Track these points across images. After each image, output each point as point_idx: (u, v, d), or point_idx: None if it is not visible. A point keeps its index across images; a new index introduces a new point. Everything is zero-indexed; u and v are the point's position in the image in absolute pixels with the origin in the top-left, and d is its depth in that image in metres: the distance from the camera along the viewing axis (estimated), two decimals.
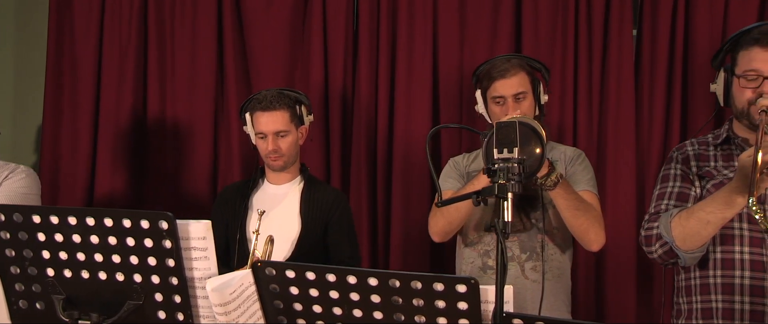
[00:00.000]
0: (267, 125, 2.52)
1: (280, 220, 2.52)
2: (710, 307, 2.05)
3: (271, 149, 2.53)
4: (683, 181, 2.12)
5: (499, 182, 1.49)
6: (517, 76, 2.36)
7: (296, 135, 2.59)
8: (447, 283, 1.53)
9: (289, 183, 2.64)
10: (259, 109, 2.54)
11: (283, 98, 2.56)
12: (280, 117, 2.53)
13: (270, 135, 2.53)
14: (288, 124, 2.55)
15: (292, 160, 2.61)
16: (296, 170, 2.66)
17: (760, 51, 1.97)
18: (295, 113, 2.58)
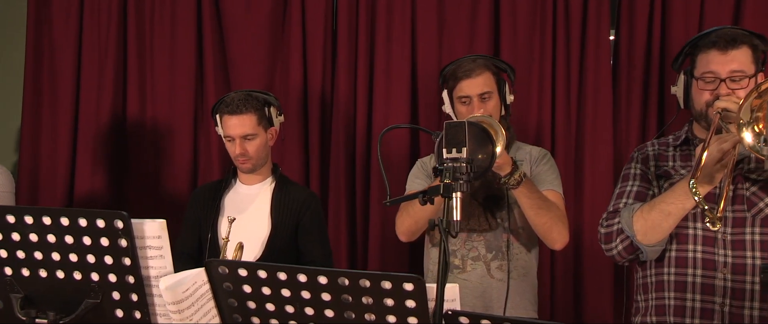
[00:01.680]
0: (234, 129, 2.54)
1: (251, 221, 2.55)
2: (664, 304, 2.09)
3: (238, 152, 2.56)
4: (642, 181, 2.16)
5: (445, 182, 1.51)
6: (483, 76, 2.38)
7: (265, 137, 2.61)
8: (394, 282, 1.55)
9: (261, 183, 2.66)
10: (226, 112, 2.55)
11: (250, 101, 2.57)
12: (247, 120, 2.54)
13: (237, 138, 2.55)
14: (255, 127, 2.56)
15: (262, 162, 2.63)
16: (268, 171, 2.69)
17: (717, 54, 2.01)
18: (263, 115, 2.59)
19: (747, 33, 2.05)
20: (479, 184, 2.39)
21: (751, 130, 1.74)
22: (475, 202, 2.39)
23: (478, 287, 2.38)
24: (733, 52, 2.00)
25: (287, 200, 2.61)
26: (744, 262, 2.00)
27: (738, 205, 2.04)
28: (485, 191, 2.38)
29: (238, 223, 2.48)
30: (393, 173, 3.20)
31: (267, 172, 2.68)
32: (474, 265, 2.39)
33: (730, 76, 1.99)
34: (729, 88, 1.98)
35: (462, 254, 2.41)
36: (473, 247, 2.40)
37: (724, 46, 2.00)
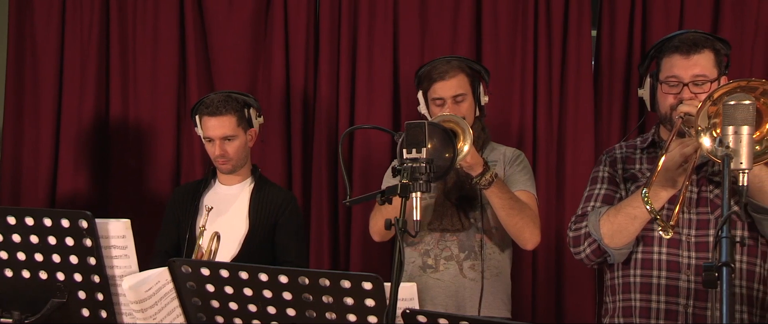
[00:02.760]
0: (214, 130, 2.55)
1: (229, 220, 2.56)
2: (630, 305, 2.10)
3: (217, 154, 2.57)
4: (610, 184, 2.18)
5: (403, 182, 1.52)
6: (457, 77, 2.39)
7: (244, 138, 2.62)
8: (353, 281, 1.57)
9: (240, 184, 2.68)
10: (206, 113, 2.56)
11: (230, 102, 2.58)
12: (227, 122, 2.55)
13: (217, 140, 2.56)
14: (235, 129, 2.57)
15: (241, 163, 2.64)
16: (247, 171, 2.70)
17: (680, 58, 2.03)
18: (242, 116, 2.60)
19: (709, 37, 2.07)
20: (452, 185, 2.41)
21: (709, 135, 1.75)
22: (449, 202, 2.40)
23: (450, 287, 2.39)
24: (695, 57, 2.01)
25: (265, 201, 2.62)
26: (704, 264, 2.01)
27: (702, 207, 2.06)
28: (458, 191, 2.40)
29: (216, 222, 2.50)
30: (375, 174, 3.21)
31: (246, 173, 2.69)
32: (447, 265, 2.41)
33: (692, 80, 2.01)
34: (692, 92, 1.99)
35: (435, 254, 2.42)
36: (446, 247, 2.41)
37: (687, 50, 2.02)
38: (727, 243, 1.26)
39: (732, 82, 1.74)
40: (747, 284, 2.04)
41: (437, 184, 2.43)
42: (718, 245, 1.26)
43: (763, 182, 1.89)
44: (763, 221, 1.97)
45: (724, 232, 1.29)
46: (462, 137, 2.16)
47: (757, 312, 2.06)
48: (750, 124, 1.54)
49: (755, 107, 1.55)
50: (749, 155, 1.53)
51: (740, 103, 1.54)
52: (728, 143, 1.54)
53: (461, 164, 2.20)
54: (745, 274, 2.04)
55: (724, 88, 1.72)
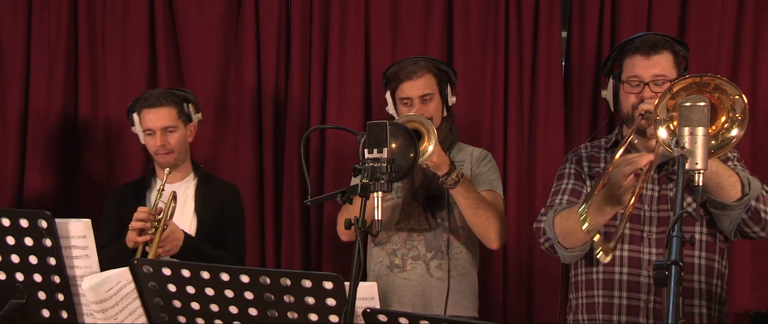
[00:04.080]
0: (154, 122, 2.55)
1: (176, 218, 2.52)
2: (593, 301, 2.14)
3: (159, 145, 2.55)
4: (576, 179, 2.21)
5: (363, 181, 1.53)
6: (424, 78, 2.41)
7: (184, 132, 2.62)
8: (314, 280, 1.57)
9: (182, 181, 2.66)
10: (145, 106, 2.56)
11: (169, 96, 2.60)
12: (167, 113, 2.55)
13: (158, 131, 2.55)
14: (175, 121, 2.57)
15: (182, 157, 2.63)
16: (188, 168, 2.69)
17: (641, 58, 2.09)
18: (182, 110, 2.61)
19: (669, 39, 2.13)
20: (420, 184, 2.42)
21: (666, 127, 1.80)
22: (416, 202, 2.42)
23: (417, 286, 2.41)
24: (655, 57, 2.07)
25: (211, 195, 2.63)
26: None
27: (662, 204, 2.10)
28: (426, 191, 2.41)
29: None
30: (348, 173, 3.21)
31: (188, 169, 2.69)
32: (414, 265, 2.42)
33: (653, 79, 2.06)
34: (652, 92, 2.03)
35: (402, 253, 2.43)
36: (413, 247, 2.43)
37: (647, 51, 2.07)
38: (677, 242, 1.29)
39: (687, 77, 1.80)
40: (706, 280, 2.09)
41: (405, 184, 2.44)
42: (669, 244, 1.29)
43: (719, 178, 1.93)
44: (721, 217, 2.02)
45: (675, 231, 1.31)
46: (427, 137, 2.17)
47: (715, 307, 2.10)
48: (705, 126, 1.57)
49: (709, 108, 1.57)
50: (704, 156, 1.56)
51: (695, 105, 1.57)
52: (684, 144, 1.57)
53: (427, 164, 2.22)
54: (705, 269, 2.08)
55: (682, 83, 1.78)
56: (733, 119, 1.78)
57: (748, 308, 3.19)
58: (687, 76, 1.84)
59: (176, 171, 2.62)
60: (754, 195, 1.94)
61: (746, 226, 2.00)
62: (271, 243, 3.28)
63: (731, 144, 1.79)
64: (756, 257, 3.22)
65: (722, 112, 1.78)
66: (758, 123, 3.19)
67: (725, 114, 1.78)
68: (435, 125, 2.41)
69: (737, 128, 1.78)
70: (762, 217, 1.96)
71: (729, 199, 1.95)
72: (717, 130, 1.78)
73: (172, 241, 2.39)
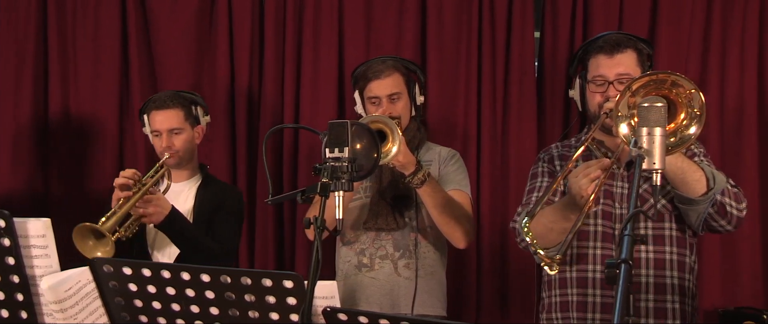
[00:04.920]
0: (161, 123, 2.59)
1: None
2: (567, 300, 2.15)
3: (164, 146, 2.59)
4: (550, 177, 2.24)
5: (323, 181, 1.53)
6: (392, 77, 2.42)
7: (191, 134, 2.65)
8: (275, 279, 1.57)
9: (187, 181, 2.69)
10: (153, 108, 2.62)
11: (178, 98, 2.65)
12: (174, 115, 2.60)
13: (164, 132, 2.59)
14: (182, 123, 2.61)
15: (188, 158, 2.65)
16: (194, 169, 2.71)
17: (605, 58, 2.11)
18: (190, 112, 2.65)
19: (632, 38, 2.16)
20: (387, 184, 2.43)
21: (628, 123, 1.83)
22: (384, 201, 2.42)
23: (385, 285, 2.42)
24: (618, 56, 2.10)
25: (210, 197, 2.64)
26: (639, 256, 2.09)
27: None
28: (393, 191, 2.42)
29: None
30: None
31: (194, 170, 2.72)
32: (382, 264, 2.43)
33: (617, 78, 2.08)
34: (617, 90, 2.05)
35: (370, 253, 2.44)
36: (381, 246, 2.43)
37: (610, 50, 2.10)
38: (628, 241, 1.30)
39: (644, 75, 1.84)
40: (679, 275, 2.12)
41: (372, 184, 2.45)
42: (621, 242, 1.30)
43: (685, 173, 1.96)
44: (688, 212, 2.04)
45: (627, 230, 1.32)
46: (391, 138, 2.18)
47: (688, 301, 2.13)
48: (662, 126, 1.59)
49: (666, 109, 1.59)
50: (661, 156, 1.58)
51: (653, 106, 1.59)
52: (642, 144, 1.59)
53: (393, 163, 2.23)
54: (676, 265, 2.11)
55: (640, 81, 1.81)
56: (692, 115, 1.81)
57: (717, 306, 3.23)
58: (644, 74, 1.87)
59: (181, 171, 2.67)
60: (719, 189, 1.97)
61: (713, 221, 2.02)
62: (244, 242, 3.27)
63: (689, 141, 1.83)
64: (725, 255, 3.26)
65: (681, 109, 1.82)
66: (726, 122, 3.24)
67: (684, 110, 1.82)
68: (403, 124, 2.42)
69: (695, 126, 1.81)
70: (728, 210, 1.99)
71: (694, 193, 1.98)
72: (676, 127, 1.81)
73: (155, 207, 2.40)
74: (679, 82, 1.80)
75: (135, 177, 2.41)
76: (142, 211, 2.40)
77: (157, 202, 2.41)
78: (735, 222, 2.02)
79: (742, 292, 3.25)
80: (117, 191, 2.41)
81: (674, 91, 1.80)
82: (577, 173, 1.85)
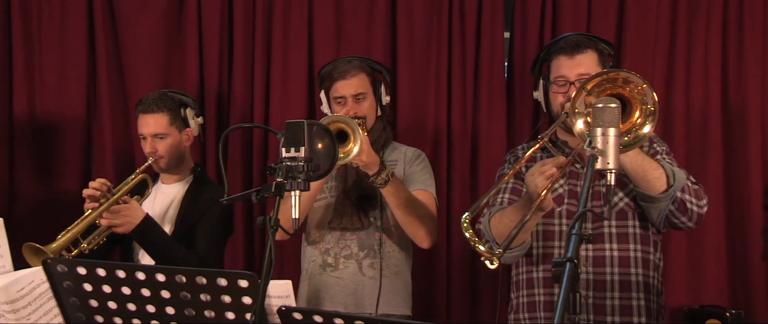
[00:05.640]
0: (146, 128, 2.58)
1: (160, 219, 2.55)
2: (534, 300, 2.17)
3: (148, 151, 2.58)
4: (516, 179, 2.25)
5: (277, 180, 1.53)
6: (357, 77, 2.43)
7: (178, 137, 2.62)
8: (229, 279, 1.57)
9: (179, 183, 2.68)
10: (140, 111, 2.61)
11: (164, 100, 2.60)
12: (159, 120, 2.57)
13: (148, 137, 2.57)
14: (167, 127, 2.58)
15: (175, 162, 2.63)
16: (186, 171, 2.70)
17: (566, 59, 2.15)
18: (177, 115, 2.62)
19: (593, 39, 2.20)
20: (352, 184, 2.44)
21: (584, 120, 1.86)
22: (349, 201, 2.43)
23: (349, 285, 2.42)
24: (579, 57, 2.12)
25: (198, 199, 2.62)
26: (603, 254, 2.11)
27: (596, 200, 2.15)
28: (358, 190, 2.43)
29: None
30: None
31: (186, 172, 2.70)
32: (346, 264, 2.43)
33: (578, 78, 2.11)
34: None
35: (335, 252, 2.44)
36: (346, 246, 2.44)
37: (571, 51, 2.13)
38: (575, 240, 1.32)
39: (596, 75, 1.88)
40: (644, 272, 2.14)
41: (337, 183, 2.46)
42: (567, 241, 1.32)
43: (645, 171, 1.99)
44: (650, 209, 2.07)
45: (574, 229, 1.34)
46: (352, 137, 2.19)
47: (653, 298, 2.16)
48: (615, 126, 1.61)
49: (619, 109, 1.61)
50: (615, 156, 1.60)
51: (607, 106, 1.61)
52: (596, 144, 1.60)
53: (357, 163, 2.24)
54: (641, 262, 2.14)
55: (594, 80, 1.83)
56: (646, 112, 1.84)
57: (684, 304, 3.27)
58: (596, 73, 1.90)
59: (172, 174, 2.65)
60: (679, 186, 2.00)
61: (674, 217, 2.05)
62: None
63: (643, 139, 1.86)
64: (691, 254, 3.30)
65: (636, 106, 1.85)
66: (692, 122, 3.28)
67: (639, 108, 1.85)
68: (369, 124, 2.43)
69: (650, 124, 1.84)
70: (688, 207, 2.02)
71: (655, 191, 2.01)
72: (631, 125, 1.84)
73: (124, 217, 2.37)
74: (630, 78, 1.84)
75: (103, 187, 2.38)
76: (107, 222, 2.37)
77: (126, 212, 2.37)
78: (696, 218, 2.05)
79: (708, 290, 3.28)
80: (87, 201, 2.38)
81: (628, 88, 1.84)
82: (533, 171, 1.88)
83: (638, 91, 1.83)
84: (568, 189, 2.17)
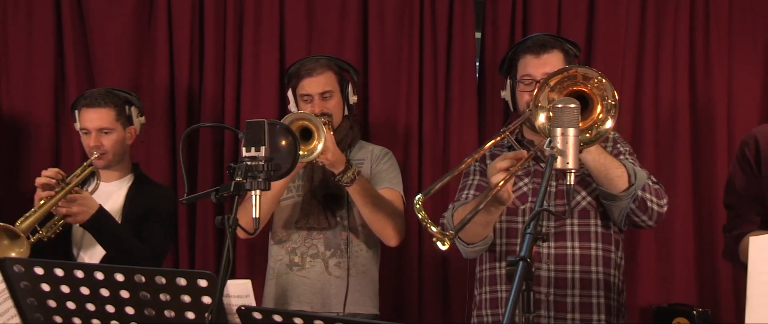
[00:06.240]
0: (91, 121, 2.55)
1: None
2: (496, 297, 2.19)
3: (92, 145, 2.55)
4: (481, 176, 2.27)
5: (236, 180, 1.53)
6: (324, 75, 2.43)
7: (122, 134, 2.61)
8: (189, 278, 1.57)
9: (117, 181, 2.65)
10: (84, 105, 2.58)
11: (110, 96, 2.61)
12: (105, 114, 2.55)
13: (93, 131, 2.55)
14: (113, 122, 2.56)
15: (117, 159, 2.62)
16: (127, 168, 2.68)
17: (532, 58, 2.17)
18: (122, 112, 2.61)
19: (559, 39, 2.24)
20: (318, 183, 2.44)
21: (546, 114, 1.89)
22: (315, 200, 2.43)
23: (316, 284, 2.42)
24: (545, 56, 2.15)
25: (142, 197, 2.60)
26: (565, 252, 2.13)
27: (559, 199, 2.17)
28: (325, 190, 2.43)
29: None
30: None
31: (126, 170, 2.68)
32: (313, 263, 2.43)
33: (544, 77, 2.11)
34: None
35: (302, 252, 2.44)
36: (313, 245, 2.44)
37: (537, 50, 2.15)
38: (529, 239, 1.33)
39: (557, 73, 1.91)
40: (604, 270, 2.17)
41: (304, 183, 2.46)
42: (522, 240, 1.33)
43: (607, 170, 2.01)
44: (611, 207, 2.10)
45: (529, 228, 1.35)
46: (316, 135, 2.19)
47: (613, 296, 2.19)
48: (575, 127, 1.62)
49: (579, 110, 1.62)
50: (575, 156, 1.61)
51: (566, 106, 1.62)
52: (556, 144, 1.61)
53: (323, 162, 2.24)
54: (602, 260, 2.16)
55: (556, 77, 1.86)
56: (608, 108, 1.86)
57: (653, 303, 3.30)
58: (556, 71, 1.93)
59: (112, 171, 2.63)
60: (640, 185, 2.03)
61: (635, 216, 2.08)
62: (184, 242, 3.23)
63: (605, 134, 1.89)
64: (660, 253, 3.34)
65: (597, 102, 1.87)
66: (660, 120, 3.31)
67: (600, 103, 1.87)
68: (335, 123, 2.43)
69: (612, 118, 1.86)
70: (649, 206, 2.04)
71: (617, 189, 2.03)
72: (593, 122, 1.87)
73: (80, 206, 2.37)
74: (588, 74, 1.86)
75: (58, 176, 2.38)
76: (65, 210, 2.35)
77: (82, 201, 2.37)
78: (656, 217, 2.08)
79: (676, 289, 3.32)
80: (39, 191, 2.37)
81: (588, 84, 1.86)
82: (494, 163, 1.90)
83: (598, 86, 1.86)
84: (532, 187, 2.19)
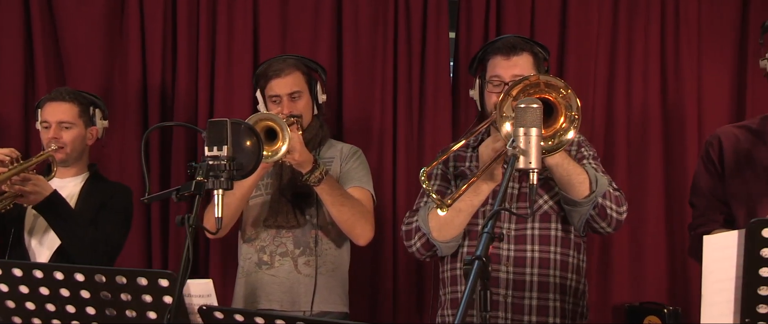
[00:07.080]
0: (52, 114, 2.54)
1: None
2: (457, 297, 2.20)
3: (51, 137, 2.53)
4: (442, 180, 2.28)
5: (197, 179, 1.52)
6: (292, 75, 2.43)
7: (83, 132, 2.60)
8: (150, 278, 1.57)
9: (74, 177, 2.63)
10: (48, 99, 2.58)
11: (76, 95, 2.62)
12: (67, 108, 2.55)
13: (53, 124, 2.54)
14: (75, 118, 2.56)
15: (75, 156, 2.60)
16: (83, 167, 2.66)
17: (501, 59, 2.18)
18: (86, 111, 2.61)
19: (529, 41, 2.24)
20: (287, 182, 2.43)
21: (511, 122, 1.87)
22: (284, 198, 2.43)
23: (285, 283, 2.42)
24: (514, 58, 2.16)
25: (97, 192, 2.59)
26: (524, 255, 2.15)
27: (521, 202, 2.18)
28: (293, 188, 2.43)
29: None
30: None
31: (83, 168, 2.66)
32: (282, 261, 2.43)
33: (512, 79, 2.12)
34: None
35: (271, 250, 2.44)
36: (282, 243, 2.44)
37: (507, 52, 2.16)
38: (486, 238, 1.34)
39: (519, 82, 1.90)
40: (560, 274, 2.17)
41: (273, 181, 2.45)
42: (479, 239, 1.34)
43: (570, 175, 2.02)
44: (571, 212, 2.11)
45: (486, 228, 1.36)
46: (281, 135, 2.18)
47: (569, 299, 2.19)
48: (538, 127, 1.62)
49: (542, 110, 1.63)
50: (537, 156, 1.62)
51: (529, 107, 1.63)
52: (518, 144, 1.62)
53: (290, 162, 2.24)
54: (559, 264, 2.17)
55: (517, 86, 1.86)
56: (571, 118, 1.86)
57: (626, 301, 3.33)
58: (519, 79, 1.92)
59: (69, 168, 2.61)
60: (601, 192, 2.04)
61: (594, 222, 2.09)
62: (157, 241, 3.21)
63: (566, 144, 1.89)
64: (632, 253, 3.36)
65: (561, 112, 1.87)
66: (632, 125, 3.34)
67: (564, 114, 1.87)
68: (305, 123, 2.43)
69: (573, 130, 1.86)
70: (608, 213, 2.06)
71: (578, 196, 2.04)
72: (555, 131, 1.86)
73: (34, 186, 2.35)
74: (551, 82, 1.86)
75: (12, 154, 2.37)
76: (18, 187, 2.33)
77: (37, 181, 2.36)
78: (615, 224, 2.10)
79: (649, 288, 3.35)
80: None
81: (553, 93, 1.86)
82: (487, 143, 1.95)
83: (563, 96, 1.86)
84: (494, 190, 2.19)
